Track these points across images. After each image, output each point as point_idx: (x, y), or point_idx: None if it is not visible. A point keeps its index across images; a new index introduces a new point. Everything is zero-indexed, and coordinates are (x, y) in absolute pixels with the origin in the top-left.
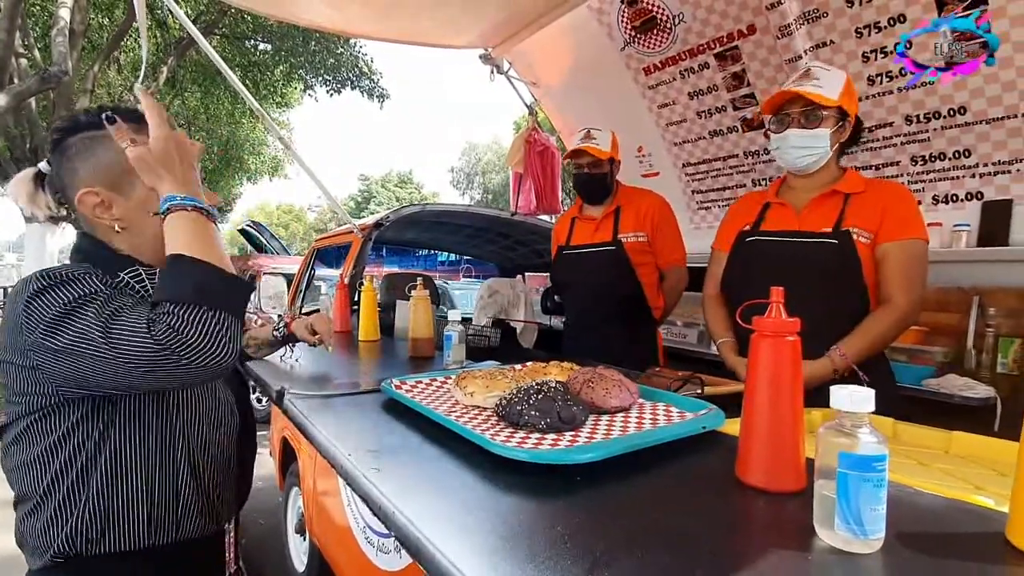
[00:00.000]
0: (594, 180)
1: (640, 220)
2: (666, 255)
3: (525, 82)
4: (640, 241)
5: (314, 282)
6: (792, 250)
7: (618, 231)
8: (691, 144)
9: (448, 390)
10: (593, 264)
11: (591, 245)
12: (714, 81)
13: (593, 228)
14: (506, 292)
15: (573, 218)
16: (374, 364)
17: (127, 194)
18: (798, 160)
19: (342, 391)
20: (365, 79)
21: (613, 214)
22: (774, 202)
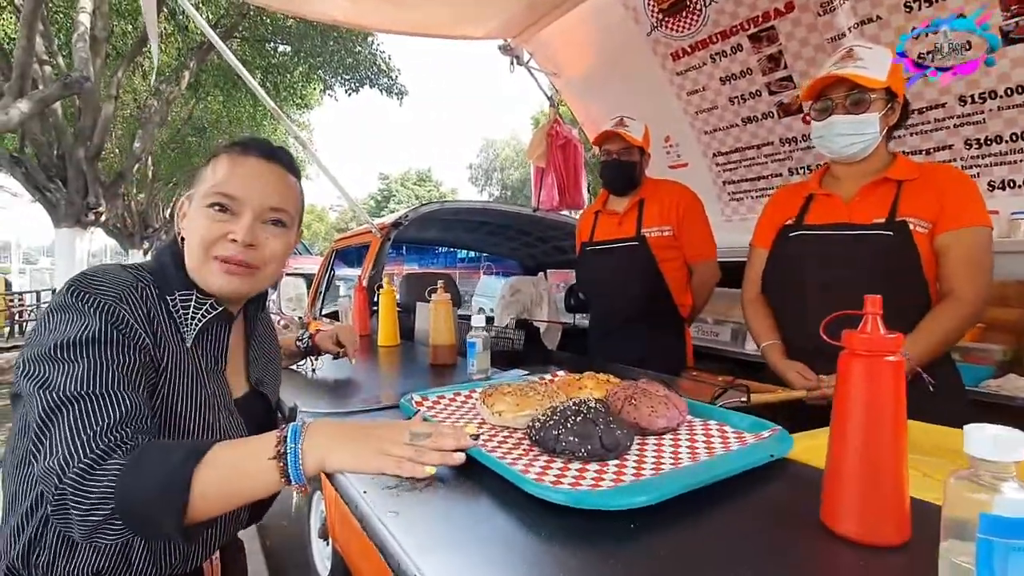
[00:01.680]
0: (622, 168)
1: (665, 213)
2: (694, 249)
3: (546, 73)
4: (665, 235)
5: (334, 283)
6: (843, 244)
7: (642, 225)
8: (722, 132)
9: (472, 406)
10: (616, 260)
11: (614, 241)
12: (748, 64)
13: (616, 222)
14: (529, 291)
15: (597, 212)
16: (394, 373)
17: (191, 208)
18: (845, 148)
19: (359, 407)
20: (383, 77)
21: (637, 207)
22: (818, 193)
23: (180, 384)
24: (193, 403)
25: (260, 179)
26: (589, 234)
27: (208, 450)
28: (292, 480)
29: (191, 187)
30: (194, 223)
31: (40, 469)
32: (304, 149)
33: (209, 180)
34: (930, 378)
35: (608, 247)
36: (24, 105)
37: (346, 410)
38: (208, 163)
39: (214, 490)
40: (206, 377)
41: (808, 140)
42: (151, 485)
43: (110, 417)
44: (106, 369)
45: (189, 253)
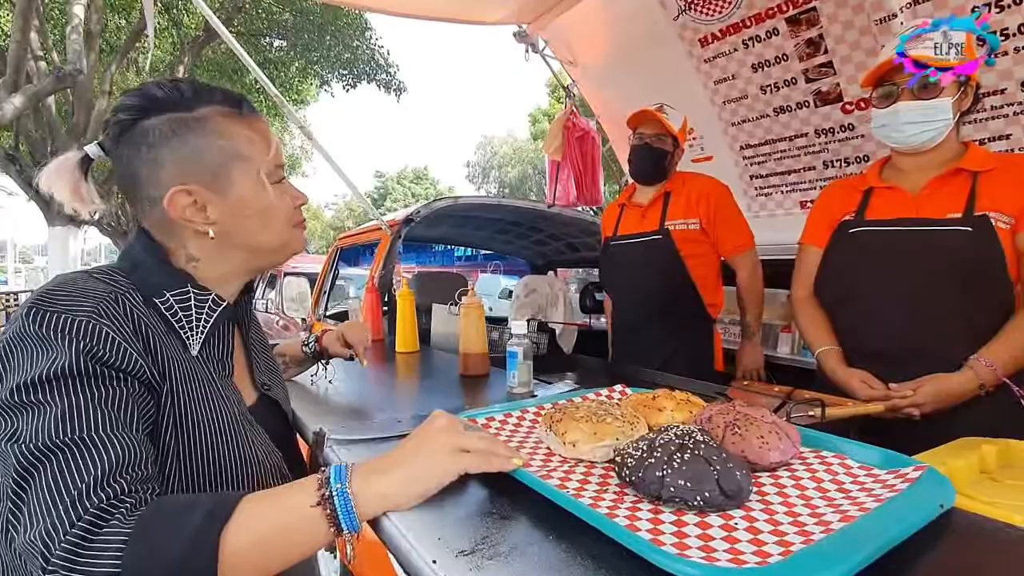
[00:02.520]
0: (653, 155)
1: (692, 206)
2: (732, 242)
3: (561, 61)
4: (692, 229)
5: (338, 282)
6: (914, 240)
7: (666, 218)
8: (751, 123)
9: (529, 428)
10: (638, 256)
11: (637, 235)
12: (784, 50)
13: (640, 215)
14: (544, 290)
15: (622, 206)
16: (421, 385)
17: (224, 192)
18: (913, 137)
19: (395, 430)
20: (382, 72)
21: (662, 199)
22: (879, 187)
23: (195, 403)
24: (214, 423)
25: (272, 135)
26: (613, 229)
27: (234, 506)
28: (345, 528)
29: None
30: (263, 201)
31: (20, 544)
32: (309, 139)
33: (256, 153)
34: (1020, 390)
35: (630, 241)
36: (18, 100)
37: (386, 435)
38: (212, 133)
39: (247, 556)
40: (220, 388)
41: (847, 131)
42: (167, 558)
43: (99, 468)
44: (88, 407)
45: (268, 233)
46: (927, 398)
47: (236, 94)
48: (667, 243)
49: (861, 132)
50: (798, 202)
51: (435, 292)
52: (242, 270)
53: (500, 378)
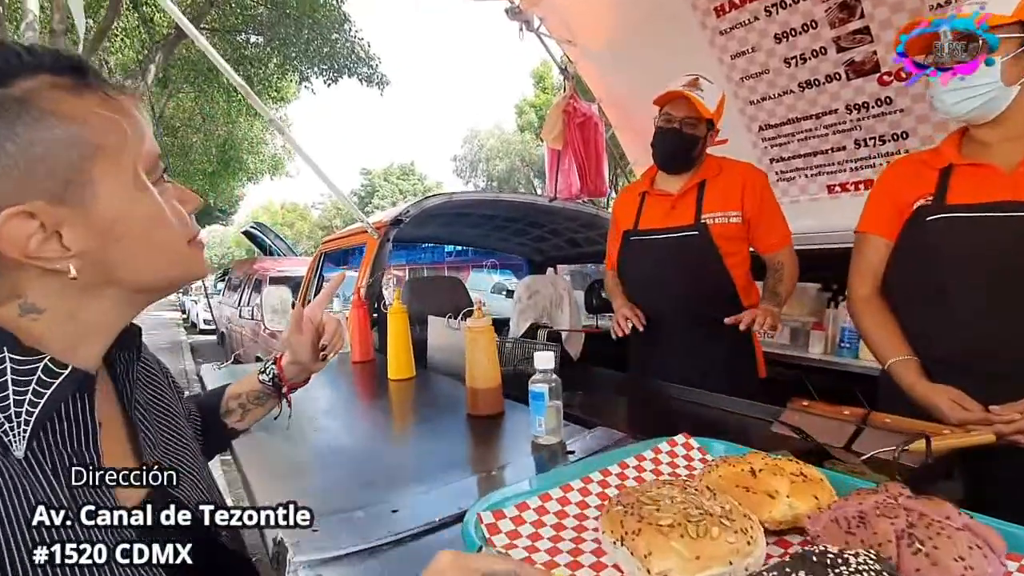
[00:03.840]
0: (683, 141)
1: (730, 196)
2: (774, 237)
3: (559, 41)
4: (732, 223)
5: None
6: (1016, 229)
7: (702, 210)
8: (772, 101)
9: (578, 522)
10: (668, 253)
11: (667, 230)
12: (813, 15)
13: (669, 206)
14: (547, 291)
15: (643, 193)
16: (416, 430)
17: (85, 206)
18: (955, 107)
19: (386, 533)
20: (363, 65)
21: (696, 189)
22: (961, 164)
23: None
24: None
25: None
26: (634, 221)
27: None
28: None
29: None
30: (144, 212)
31: None
32: (283, 135)
33: (122, 143)
34: None
35: (659, 237)
36: None
37: (372, 543)
38: (49, 116)
39: None
40: (68, 500)
41: (883, 105)
42: None
43: None
44: None
45: (156, 258)
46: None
47: (74, 56)
48: (704, 239)
49: (900, 106)
50: (825, 186)
51: (430, 300)
52: (113, 318)
53: (517, 416)
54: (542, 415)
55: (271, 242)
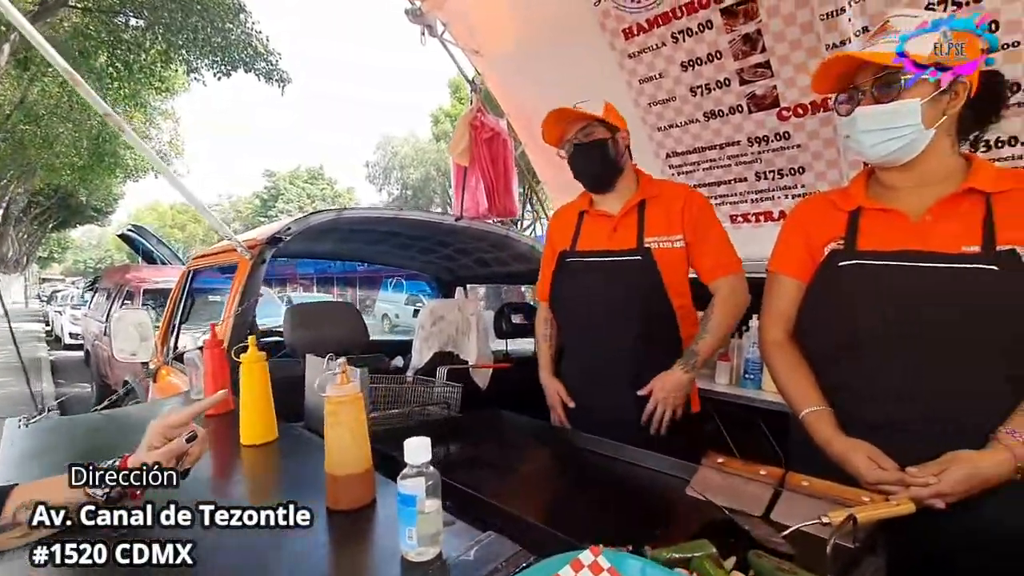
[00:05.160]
0: (592, 151)
1: (672, 218)
2: (717, 260)
3: (464, 50)
4: (675, 248)
5: (194, 313)
6: (927, 280)
7: (644, 234)
8: (679, 129)
9: None
10: (608, 280)
11: (609, 253)
12: (718, 46)
13: (610, 228)
14: (453, 317)
15: (581, 212)
16: (254, 535)
17: None
18: (876, 148)
19: None
20: (260, 60)
21: (636, 210)
22: (870, 208)
23: None
24: None
25: None
26: (571, 241)
27: None
28: None
29: None
30: None
31: None
32: (120, 131)
33: None
34: None
35: (600, 260)
36: None
37: None
38: None
39: None
40: None
41: (782, 140)
42: None
43: None
44: None
45: None
46: (955, 487)
47: None
48: (647, 265)
49: (797, 141)
50: (728, 216)
51: (315, 332)
52: None
53: (393, 506)
54: (412, 525)
55: (152, 247)
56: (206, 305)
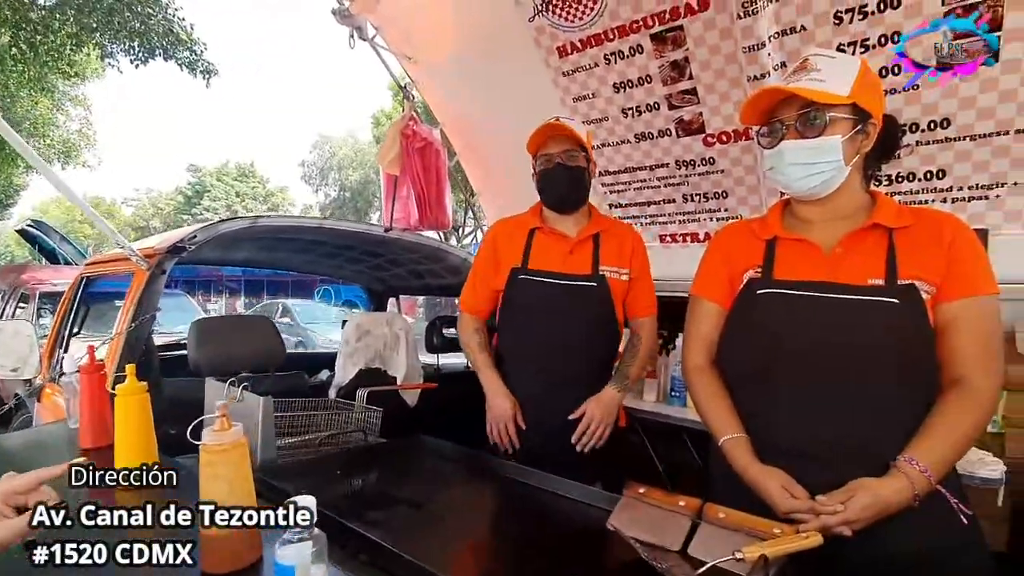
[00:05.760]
0: (572, 176)
1: (623, 252)
2: (646, 301)
3: (397, 56)
4: (623, 280)
5: (84, 327)
6: (837, 311)
7: (599, 261)
8: (612, 148)
9: None
10: (568, 301)
11: (566, 276)
12: (648, 70)
13: (566, 250)
14: (381, 332)
15: (533, 229)
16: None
17: None
18: (800, 182)
19: None
20: (183, 49)
21: (592, 239)
22: (785, 237)
23: None
24: None
25: None
26: (522, 258)
27: None
28: None
29: None
30: None
31: None
32: None
33: None
34: (960, 504)
35: (558, 282)
36: None
37: None
38: None
39: None
40: None
41: (707, 165)
42: None
43: None
44: None
45: None
46: (860, 514)
47: None
48: (603, 290)
49: (721, 167)
50: (658, 236)
51: (226, 349)
52: None
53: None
54: None
55: (56, 245)
56: (116, 311)
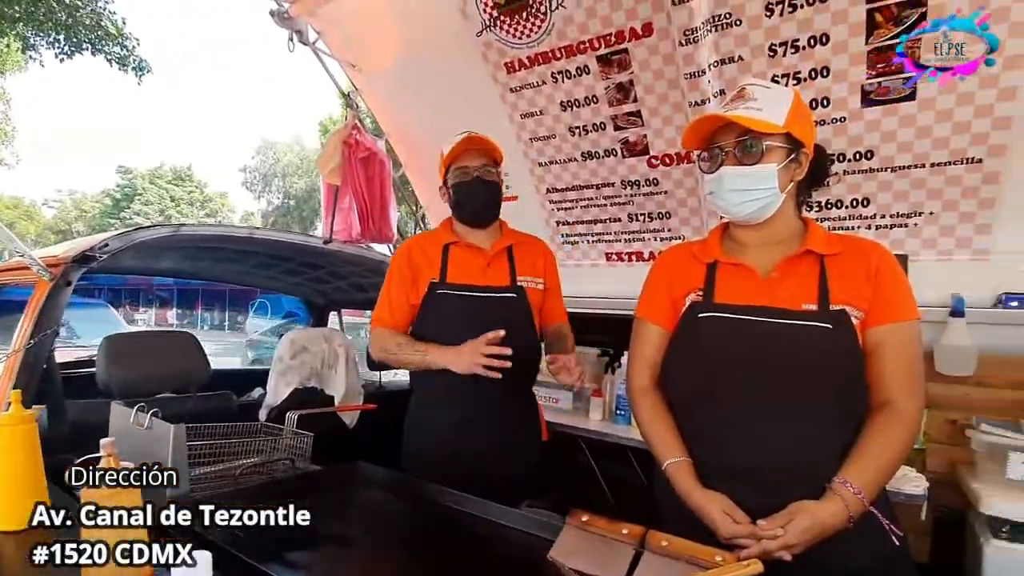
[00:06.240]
0: (490, 191)
1: (537, 264)
2: (560, 309)
3: (341, 63)
4: (540, 290)
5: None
6: (775, 335)
7: (516, 273)
8: (559, 166)
9: None
10: (490, 314)
11: (486, 288)
12: (594, 91)
13: (483, 263)
14: (318, 349)
15: (447, 245)
16: None
17: None
18: (740, 207)
19: None
20: (113, 43)
21: (506, 252)
22: (725, 262)
23: None
24: None
25: None
26: (439, 272)
27: None
28: None
29: None
30: None
31: None
32: None
33: None
34: (893, 526)
35: (478, 295)
36: None
37: None
38: None
39: None
40: None
41: (651, 185)
42: None
43: None
44: None
45: None
46: (799, 537)
47: None
48: (523, 301)
49: (665, 188)
50: (604, 254)
51: (141, 368)
52: None
53: None
54: None
55: None
56: None
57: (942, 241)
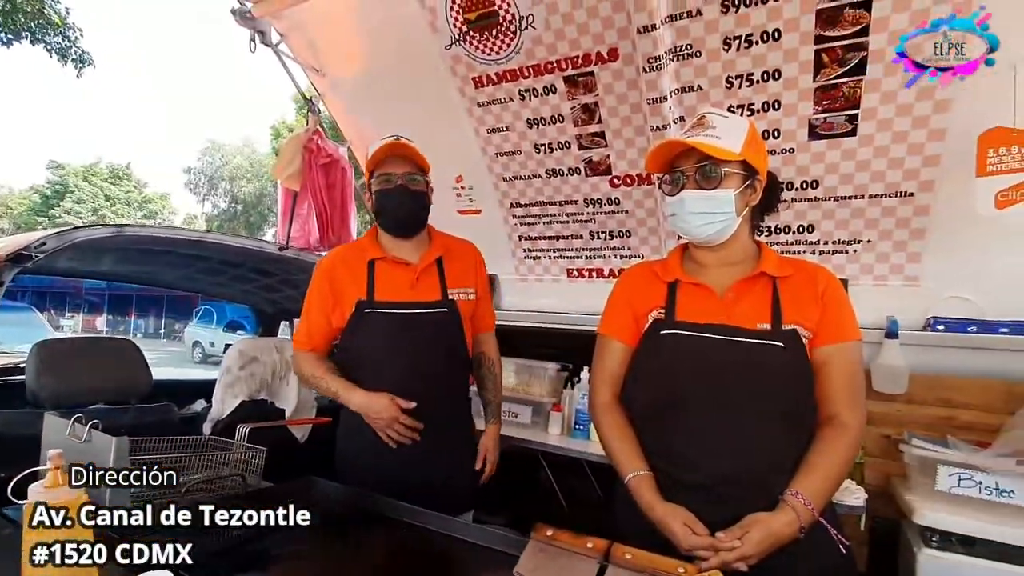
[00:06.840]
0: (416, 200)
1: (466, 272)
2: (489, 318)
3: (303, 66)
4: (471, 300)
5: None
6: (733, 352)
7: (447, 286)
8: (523, 181)
9: None
10: (420, 330)
11: (416, 304)
12: (560, 110)
13: (412, 278)
14: (269, 359)
15: (372, 260)
16: None
17: None
18: (700, 229)
19: None
20: (55, 34)
21: (436, 264)
22: (686, 282)
23: None
24: None
25: None
26: (367, 290)
27: None
28: None
29: None
30: None
31: None
32: None
33: None
34: (840, 535)
35: (408, 312)
36: None
37: None
38: None
39: None
40: None
41: (612, 205)
42: None
43: None
44: None
45: None
46: (755, 548)
47: None
48: (453, 315)
49: (626, 208)
50: (565, 269)
51: (74, 378)
52: None
53: None
54: None
55: None
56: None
57: (878, 267)
